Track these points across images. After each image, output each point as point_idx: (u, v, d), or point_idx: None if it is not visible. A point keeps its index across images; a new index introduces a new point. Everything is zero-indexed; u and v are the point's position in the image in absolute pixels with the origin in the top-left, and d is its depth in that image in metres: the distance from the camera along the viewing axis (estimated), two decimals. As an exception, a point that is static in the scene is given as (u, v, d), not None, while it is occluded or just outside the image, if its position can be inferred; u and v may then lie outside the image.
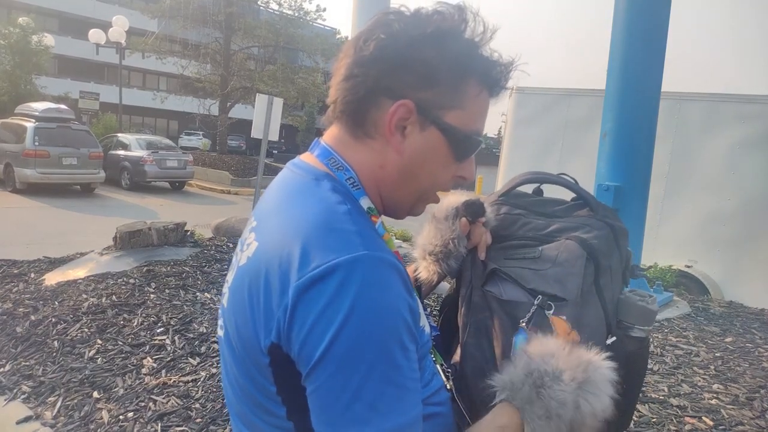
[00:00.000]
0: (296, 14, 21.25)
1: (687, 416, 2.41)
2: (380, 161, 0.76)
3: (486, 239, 0.97)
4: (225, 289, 0.82)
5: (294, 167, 0.81)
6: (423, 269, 0.99)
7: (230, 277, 0.80)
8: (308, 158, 0.81)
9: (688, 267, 5.59)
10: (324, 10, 22.05)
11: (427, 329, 0.79)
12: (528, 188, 1.07)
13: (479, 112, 0.77)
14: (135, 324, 3.22)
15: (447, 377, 0.88)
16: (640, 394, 2.58)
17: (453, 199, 1.00)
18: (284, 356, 0.66)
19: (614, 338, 0.88)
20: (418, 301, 0.77)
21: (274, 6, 21.79)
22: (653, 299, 0.91)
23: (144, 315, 3.33)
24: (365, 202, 0.77)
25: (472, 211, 0.97)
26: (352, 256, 0.63)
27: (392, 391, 0.62)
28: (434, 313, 1.13)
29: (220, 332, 0.83)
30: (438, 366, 0.87)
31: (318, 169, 0.78)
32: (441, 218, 0.97)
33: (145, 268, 4.19)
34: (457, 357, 0.92)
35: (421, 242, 0.99)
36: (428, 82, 0.73)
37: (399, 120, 0.73)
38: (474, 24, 0.74)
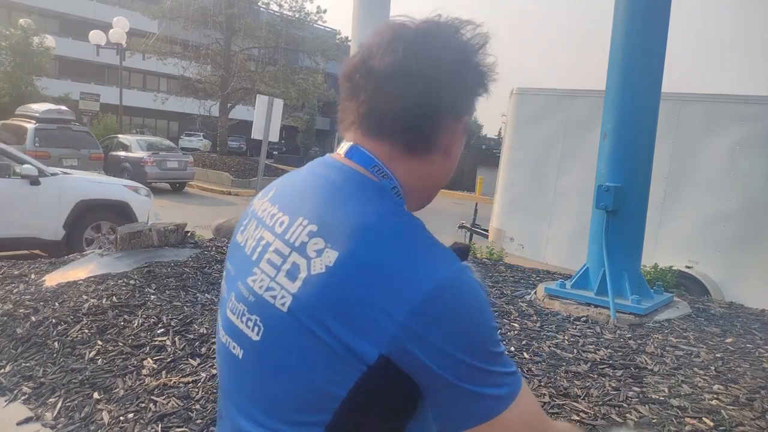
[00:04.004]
0: (297, 15, 21.29)
1: (687, 417, 2.41)
2: (432, 169, 0.83)
3: None
4: (278, 287, 0.74)
5: (333, 170, 0.80)
6: None
7: (289, 284, 0.73)
8: (346, 161, 0.81)
9: (689, 268, 5.59)
10: (324, 11, 22.11)
11: None
12: None
13: None
14: (135, 325, 3.22)
15: None
16: (641, 395, 2.58)
17: None
18: (392, 367, 0.68)
19: None
20: None
21: (274, 7, 21.86)
22: None
23: (144, 316, 3.33)
24: None
25: (457, 252, 1.03)
26: (455, 269, 0.70)
27: (508, 379, 0.71)
28: None
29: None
30: None
31: (364, 175, 0.78)
32: None
33: (146, 269, 4.19)
34: None
35: None
36: (466, 95, 0.82)
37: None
38: (474, 35, 0.81)
